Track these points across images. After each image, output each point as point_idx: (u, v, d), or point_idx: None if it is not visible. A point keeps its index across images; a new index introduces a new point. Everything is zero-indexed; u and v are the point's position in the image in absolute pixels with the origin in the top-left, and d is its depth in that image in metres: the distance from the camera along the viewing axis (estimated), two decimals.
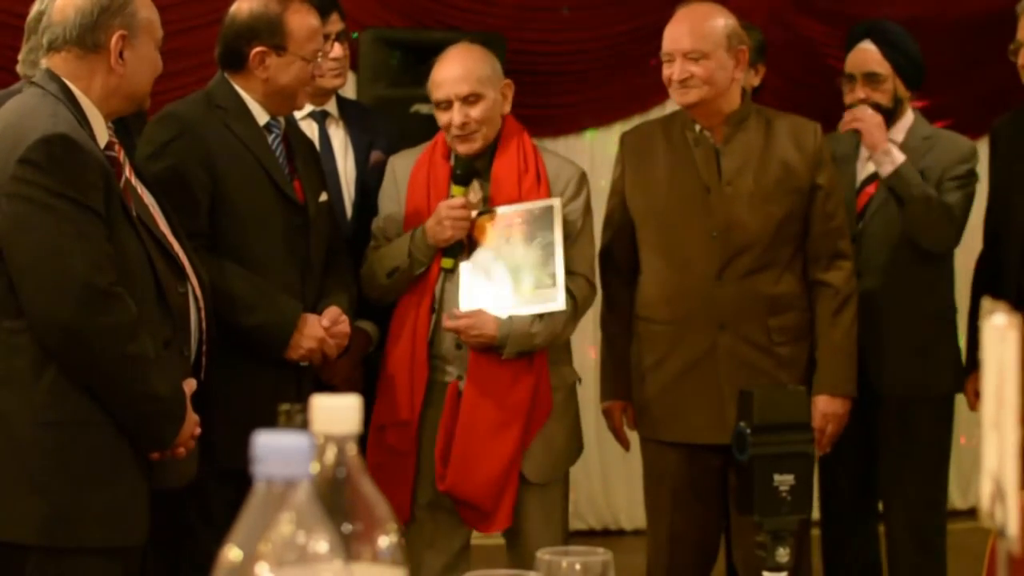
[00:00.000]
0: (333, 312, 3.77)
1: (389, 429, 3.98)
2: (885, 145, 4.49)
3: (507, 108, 4.10)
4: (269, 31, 3.72)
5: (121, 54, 3.16)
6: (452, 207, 3.95)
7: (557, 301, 3.95)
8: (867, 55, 4.64)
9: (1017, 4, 4.49)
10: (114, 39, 3.15)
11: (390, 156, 4.23)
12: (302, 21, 3.75)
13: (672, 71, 4.08)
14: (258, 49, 3.72)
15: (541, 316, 3.96)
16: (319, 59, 3.79)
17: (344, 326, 3.79)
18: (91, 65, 3.16)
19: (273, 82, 3.75)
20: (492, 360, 3.96)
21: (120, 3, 3.17)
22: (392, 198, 4.11)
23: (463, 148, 4.03)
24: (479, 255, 3.99)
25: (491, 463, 3.94)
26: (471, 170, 4.03)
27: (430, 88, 4.07)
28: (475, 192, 4.05)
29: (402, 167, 4.12)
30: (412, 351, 3.96)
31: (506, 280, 3.98)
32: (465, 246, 3.98)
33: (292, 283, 3.75)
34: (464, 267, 3.98)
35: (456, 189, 4.00)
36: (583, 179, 4.14)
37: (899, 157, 4.47)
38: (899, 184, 4.47)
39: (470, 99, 4.01)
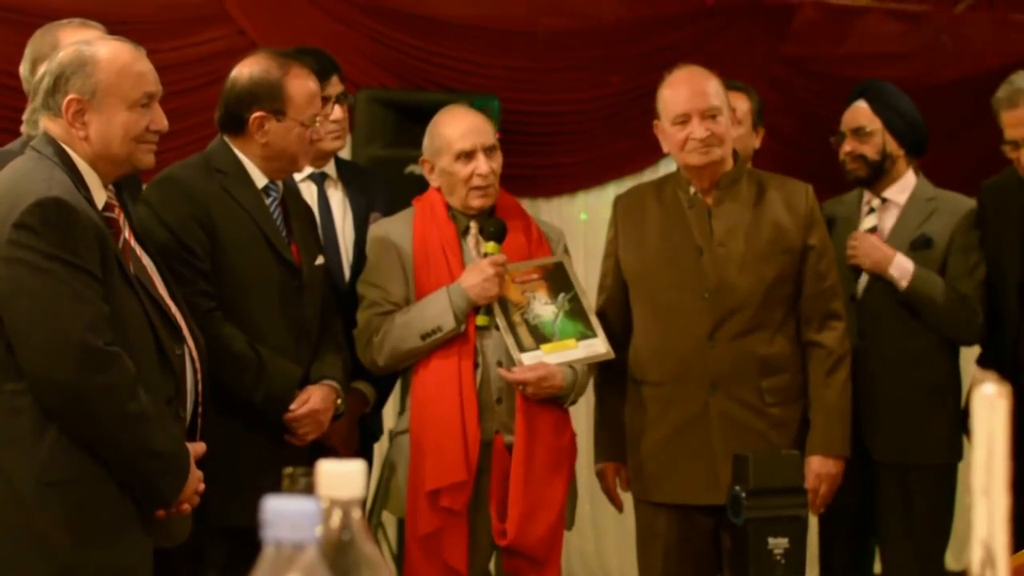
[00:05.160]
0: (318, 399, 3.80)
1: (444, 492, 3.93)
2: (888, 264, 4.53)
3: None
4: (269, 96, 3.74)
5: (83, 118, 3.15)
6: (497, 263, 3.98)
7: (604, 349, 4.06)
8: (857, 112, 4.72)
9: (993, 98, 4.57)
10: (64, 103, 3.14)
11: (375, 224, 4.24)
12: (302, 86, 3.77)
13: (688, 131, 4.10)
14: (257, 114, 3.74)
15: (589, 366, 4.08)
16: (318, 123, 3.82)
17: (327, 414, 3.81)
18: (65, 129, 3.17)
19: (272, 146, 3.76)
20: (540, 412, 4.00)
21: (76, 66, 3.15)
22: (392, 263, 4.07)
23: (480, 202, 4.06)
24: (513, 310, 4.03)
25: (547, 512, 3.98)
26: (502, 226, 4.06)
27: (448, 143, 4.06)
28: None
29: (398, 233, 4.10)
30: (462, 410, 3.93)
31: (549, 332, 4.03)
32: (494, 303, 4.02)
33: (287, 345, 3.76)
34: (502, 323, 4.00)
35: (491, 246, 4.03)
36: (565, 240, 4.30)
37: (908, 270, 4.51)
38: (915, 299, 4.51)
39: (492, 150, 4.07)
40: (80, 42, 3.25)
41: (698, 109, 4.10)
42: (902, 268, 4.52)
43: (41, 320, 3.01)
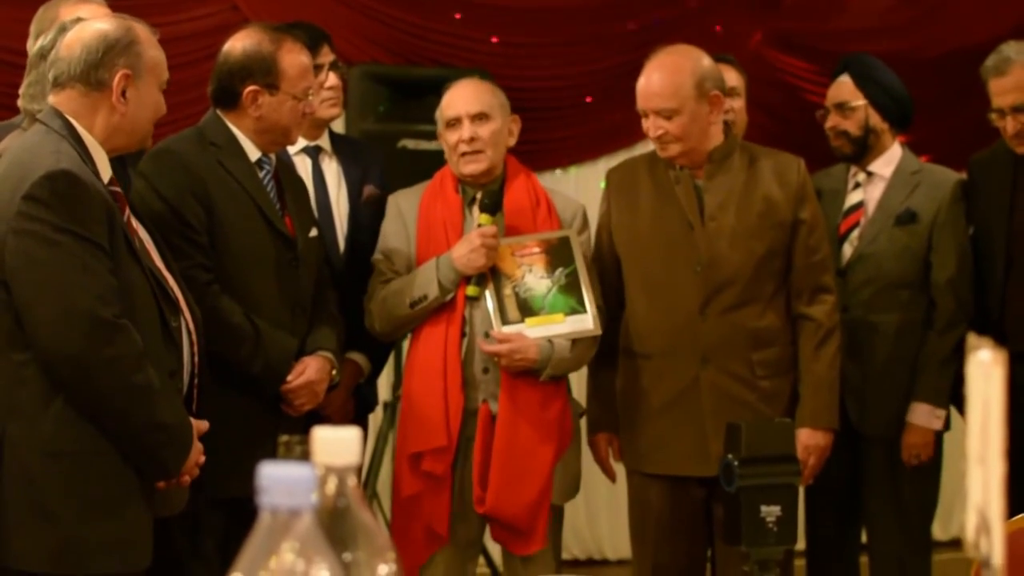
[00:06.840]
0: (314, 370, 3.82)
1: (426, 456, 3.98)
2: (930, 433, 4.55)
3: (512, 142, 4.17)
4: (262, 70, 3.76)
5: (124, 93, 3.18)
6: (486, 235, 3.99)
7: (592, 325, 4.05)
8: (841, 87, 4.73)
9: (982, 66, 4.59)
10: (117, 78, 3.17)
11: (389, 194, 4.26)
12: (294, 60, 3.79)
13: (648, 127, 4.12)
14: (251, 88, 3.76)
15: (574, 341, 4.05)
16: (310, 96, 3.83)
17: (322, 385, 3.84)
18: (94, 103, 3.18)
19: (265, 120, 3.78)
20: (525, 383, 4.01)
21: (126, 42, 3.19)
22: (398, 234, 4.13)
23: (469, 168, 4.07)
24: (505, 283, 4.04)
25: (530, 483, 3.99)
26: (498, 199, 4.07)
27: (441, 113, 4.13)
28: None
29: (407, 204, 4.16)
30: (445, 377, 3.97)
31: (538, 306, 4.04)
32: (487, 274, 4.03)
33: (283, 317, 3.78)
34: (490, 294, 4.02)
35: (484, 218, 4.04)
36: (586, 214, 4.26)
37: (933, 412, 4.53)
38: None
39: (479, 118, 4.08)
40: (117, 18, 3.29)
41: (651, 108, 4.10)
42: (932, 417, 4.54)
43: (50, 292, 3.03)
